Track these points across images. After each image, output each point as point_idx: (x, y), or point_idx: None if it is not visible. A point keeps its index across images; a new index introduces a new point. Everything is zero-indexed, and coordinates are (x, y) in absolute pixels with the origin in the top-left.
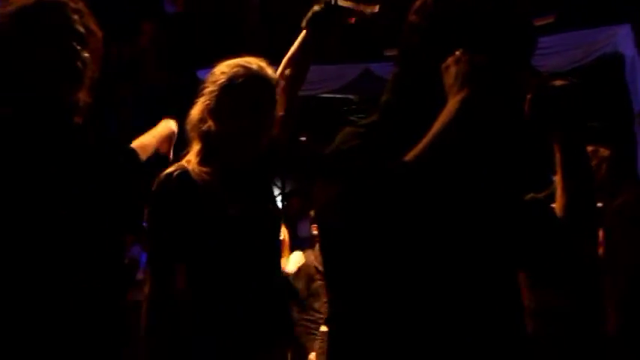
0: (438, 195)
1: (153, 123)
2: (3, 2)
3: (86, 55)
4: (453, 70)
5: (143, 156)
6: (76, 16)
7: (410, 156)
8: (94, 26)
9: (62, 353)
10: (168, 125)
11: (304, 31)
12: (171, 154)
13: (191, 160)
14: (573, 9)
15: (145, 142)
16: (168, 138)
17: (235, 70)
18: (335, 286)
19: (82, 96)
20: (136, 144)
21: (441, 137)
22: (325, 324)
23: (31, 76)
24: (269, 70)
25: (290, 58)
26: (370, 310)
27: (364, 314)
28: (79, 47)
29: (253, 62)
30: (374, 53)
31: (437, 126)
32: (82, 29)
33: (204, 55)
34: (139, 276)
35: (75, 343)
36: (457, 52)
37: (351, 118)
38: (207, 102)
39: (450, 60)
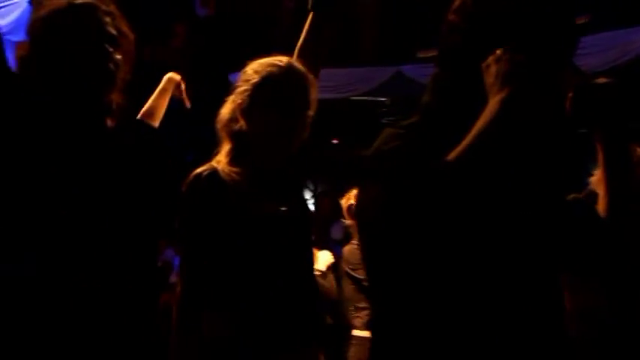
0: (479, 195)
1: (185, 124)
2: (36, 6)
3: (118, 57)
4: (493, 69)
5: (156, 121)
6: (107, 19)
7: (451, 156)
8: (125, 28)
9: (95, 356)
10: (168, 78)
11: (311, 15)
12: (187, 100)
13: (221, 160)
14: (607, 9)
15: (154, 104)
16: (175, 87)
17: (269, 69)
18: (378, 289)
19: (115, 98)
20: (145, 109)
21: (483, 137)
22: (368, 328)
23: (64, 78)
24: (303, 70)
25: (301, 47)
26: (413, 313)
27: (407, 317)
28: (111, 49)
29: (287, 61)
30: (406, 55)
31: (478, 126)
32: (113, 31)
33: (237, 57)
34: (172, 279)
35: (108, 345)
36: (498, 51)
37: (384, 120)
38: (239, 101)
39: (490, 59)
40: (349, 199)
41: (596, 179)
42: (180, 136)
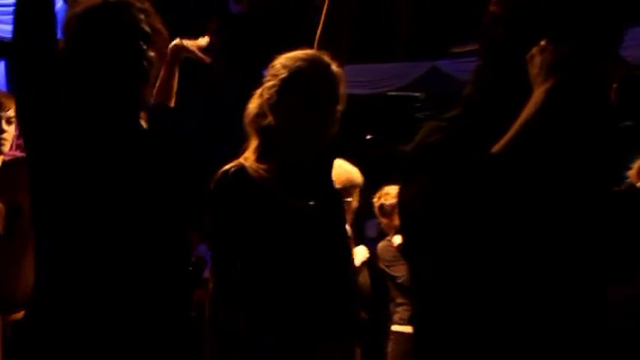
0: (525, 187)
1: (219, 121)
2: (71, 3)
3: (152, 54)
4: (537, 59)
5: (171, 98)
6: (142, 16)
7: (496, 148)
8: (159, 25)
9: (130, 350)
10: (171, 47)
11: (326, 2)
12: (205, 56)
13: (249, 156)
14: None
15: (164, 78)
16: (184, 52)
17: (297, 63)
18: (420, 284)
19: (148, 94)
20: (158, 88)
21: (528, 128)
22: (406, 323)
23: (98, 75)
24: (332, 63)
25: (320, 36)
26: (456, 308)
27: (450, 313)
28: (144, 47)
29: (315, 55)
30: (441, 50)
31: (523, 117)
32: (147, 29)
33: (270, 53)
34: (206, 274)
35: (142, 340)
36: (542, 42)
37: (418, 115)
38: (267, 96)
39: (534, 50)
40: (380, 197)
41: (635, 172)
42: (213, 132)
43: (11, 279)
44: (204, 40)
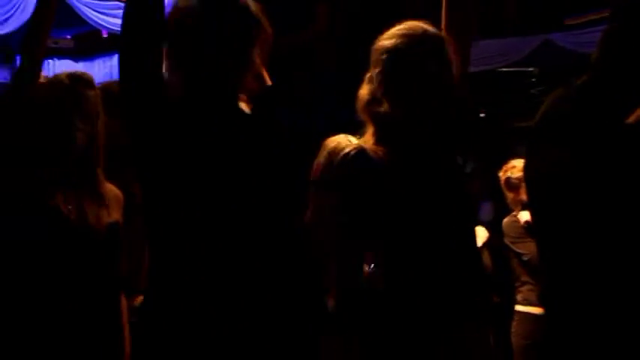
0: None
1: (331, 109)
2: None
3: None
4: None
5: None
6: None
7: (631, 119)
8: (262, 19)
9: (241, 339)
10: None
11: None
12: None
13: (368, 140)
14: None
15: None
16: None
17: (400, 40)
18: (550, 261)
19: (249, 82)
20: None
21: None
22: (530, 303)
23: (197, 72)
24: (435, 32)
25: (446, 21)
26: (589, 286)
27: (583, 291)
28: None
29: (417, 28)
30: (555, 23)
31: None
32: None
33: (374, 35)
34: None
35: (252, 329)
36: None
37: (532, 91)
38: (376, 79)
39: None
40: (507, 171)
41: None
42: (330, 120)
43: (134, 265)
44: None
